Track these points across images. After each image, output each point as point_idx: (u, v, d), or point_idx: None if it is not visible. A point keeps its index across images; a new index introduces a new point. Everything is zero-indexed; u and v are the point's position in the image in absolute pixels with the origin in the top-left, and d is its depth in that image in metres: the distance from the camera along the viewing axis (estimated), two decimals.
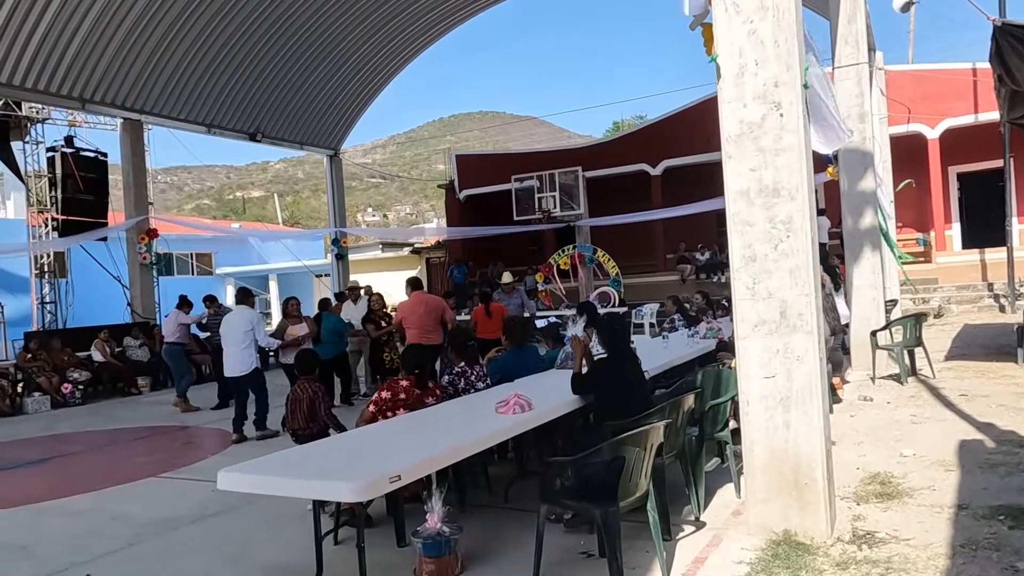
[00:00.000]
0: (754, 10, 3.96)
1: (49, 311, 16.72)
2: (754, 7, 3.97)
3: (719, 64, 4.06)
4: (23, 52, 13.12)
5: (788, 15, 3.92)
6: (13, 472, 7.23)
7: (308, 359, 5.61)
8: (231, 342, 8.01)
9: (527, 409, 4.01)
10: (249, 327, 7.94)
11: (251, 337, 7.96)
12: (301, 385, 5.23)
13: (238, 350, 7.95)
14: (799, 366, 3.92)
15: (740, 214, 4.05)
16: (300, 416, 5.09)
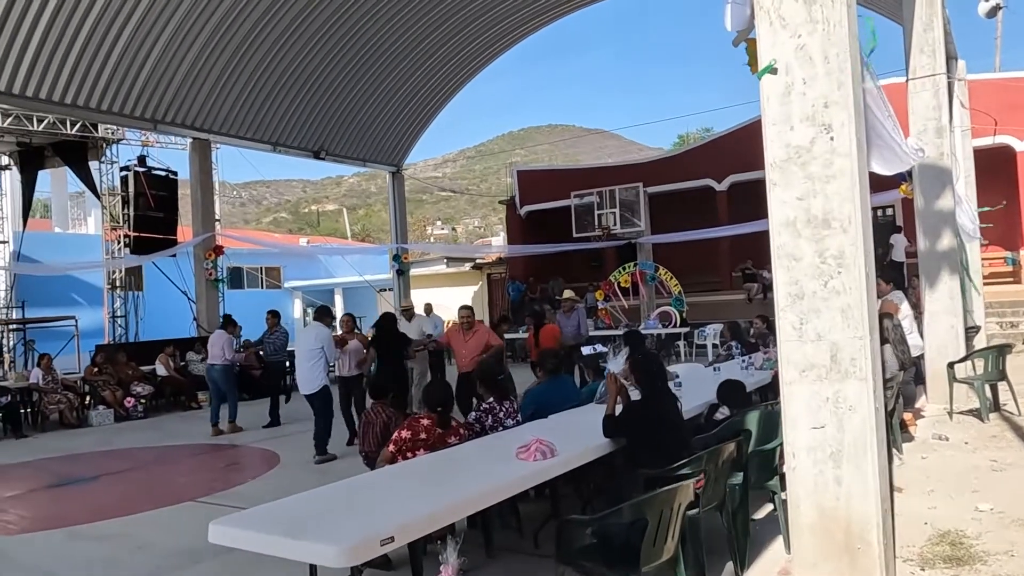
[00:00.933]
0: (802, 23, 3.61)
1: (120, 324, 17.29)
2: (802, 20, 3.61)
3: (763, 82, 3.71)
4: (99, 76, 13.64)
5: (840, 29, 3.55)
6: (61, 490, 7.36)
7: (381, 384, 5.68)
8: (301, 358, 8.05)
9: (549, 456, 3.73)
10: (318, 345, 7.94)
11: (319, 355, 7.94)
12: (376, 409, 5.35)
13: (307, 367, 7.96)
14: (851, 416, 3.52)
15: (785, 247, 3.68)
16: (372, 439, 5.13)
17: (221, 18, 13.87)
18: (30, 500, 7.03)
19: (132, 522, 5.85)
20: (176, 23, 13.48)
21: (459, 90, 19.79)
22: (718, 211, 19.04)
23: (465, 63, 18.78)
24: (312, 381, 7.91)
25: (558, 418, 4.99)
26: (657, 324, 15.82)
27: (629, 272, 17.50)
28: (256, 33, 14.60)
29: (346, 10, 15.14)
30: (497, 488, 3.41)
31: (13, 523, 6.11)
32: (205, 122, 15.86)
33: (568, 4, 17.64)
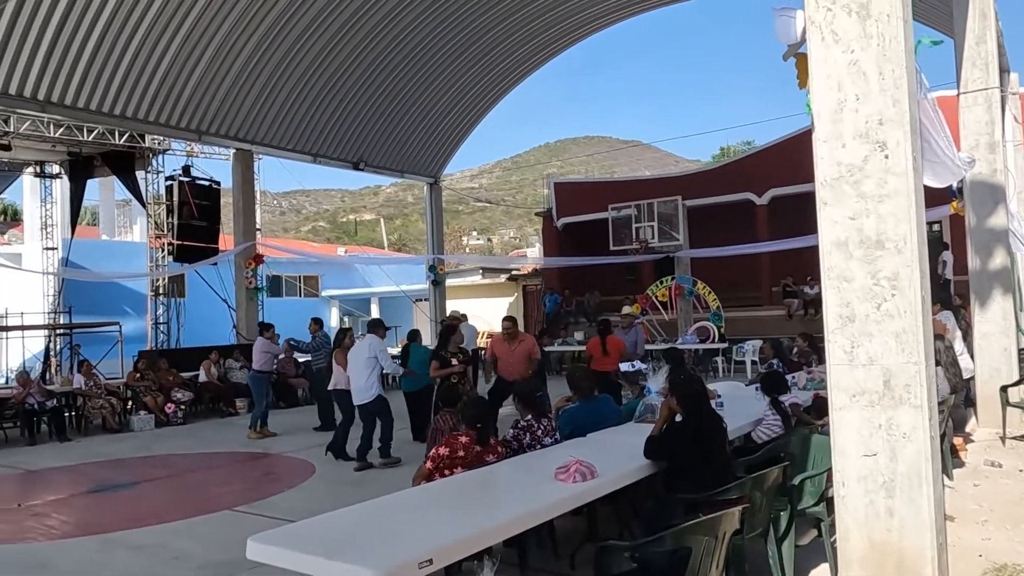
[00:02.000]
0: (855, 38, 3.51)
1: (162, 331, 17.60)
2: (855, 35, 3.51)
3: (813, 98, 3.61)
4: (147, 89, 13.96)
5: (896, 44, 3.44)
6: (101, 496, 7.46)
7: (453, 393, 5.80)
8: (355, 368, 8.17)
9: (589, 478, 3.65)
10: (372, 355, 8.08)
11: (374, 364, 8.07)
12: (444, 416, 5.42)
13: (363, 376, 8.08)
14: (905, 445, 3.38)
15: (836, 268, 3.57)
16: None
17: (264, 33, 14.12)
18: (71, 505, 7.14)
19: (168, 531, 5.90)
20: (221, 38, 13.76)
21: (497, 102, 19.85)
22: (758, 225, 18.75)
23: (503, 76, 18.83)
24: (367, 390, 8.06)
25: (597, 437, 4.90)
26: (695, 339, 15.60)
27: (666, 286, 17.30)
28: (299, 47, 14.83)
29: (386, 25, 15.30)
30: (536, 511, 3.35)
31: (55, 528, 6.20)
32: (248, 133, 16.14)
33: (606, 18, 17.61)
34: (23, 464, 9.23)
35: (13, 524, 6.38)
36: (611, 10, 17.24)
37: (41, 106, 13.18)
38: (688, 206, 18.66)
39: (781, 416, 5.19)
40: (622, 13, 17.53)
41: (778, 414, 5.21)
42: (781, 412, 5.21)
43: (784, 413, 5.21)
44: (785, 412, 5.21)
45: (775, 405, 5.26)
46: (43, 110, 13.46)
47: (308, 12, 14.14)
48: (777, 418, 5.21)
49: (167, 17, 12.85)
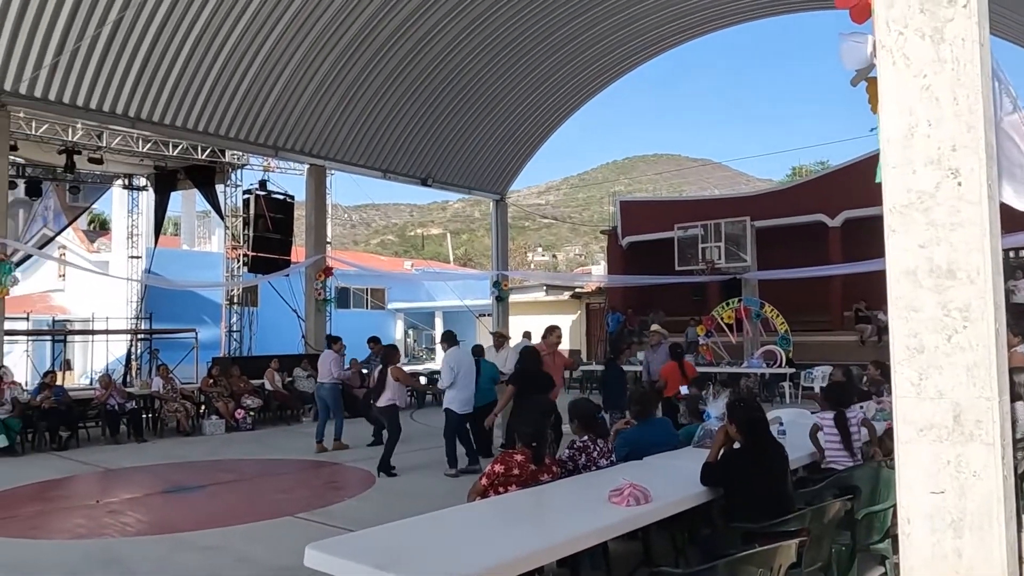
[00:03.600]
0: (928, 63, 3.41)
1: (235, 338, 18.23)
2: (928, 59, 3.42)
3: (883, 123, 3.53)
4: (228, 107, 14.60)
5: (971, 68, 3.34)
6: (172, 496, 7.78)
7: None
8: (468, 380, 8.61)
9: (642, 502, 3.63)
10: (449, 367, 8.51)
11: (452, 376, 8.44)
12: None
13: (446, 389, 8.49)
14: (975, 483, 3.24)
15: (904, 297, 3.46)
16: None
17: (339, 54, 14.60)
18: (145, 504, 7.46)
19: (233, 534, 6.10)
20: (298, 59, 14.29)
21: (565, 120, 19.95)
22: (830, 248, 18.25)
23: (572, 94, 18.93)
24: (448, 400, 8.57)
25: (653, 460, 4.86)
26: (761, 363, 15.25)
27: (733, 308, 16.99)
28: (372, 67, 15.27)
29: (456, 45, 15.60)
30: (589, 533, 3.34)
31: (130, 525, 6.49)
32: (322, 149, 16.67)
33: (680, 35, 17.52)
34: (103, 463, 9.69)
35: (91, 520, 6.71)
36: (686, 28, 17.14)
37: (131, 122, 13.93)
38: (757, 227, 18.31)
39: (841, 433, 4.98)
40: (697, 30, 17.42)
41: (838, 430, 4.99)
42: (842, 429, 4.99)
43: (845, 430, 4.99)
44: (847, 429, 5.00)
45: (839, 421, 5.05)
46: (133, 126, 14.24)
47: (381, 34, 14.57)
48: (836, 433, 4.99)
49: (248, 40, 13.44)
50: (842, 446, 4.99)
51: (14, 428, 10.28)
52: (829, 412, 5.13)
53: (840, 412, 5.11)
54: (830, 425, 5.06)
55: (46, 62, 11.82)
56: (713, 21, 17.12)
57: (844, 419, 5.08)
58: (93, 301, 22.05)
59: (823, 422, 5.11)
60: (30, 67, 11.81)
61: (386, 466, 8.42)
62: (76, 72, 12.47)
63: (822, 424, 5.11)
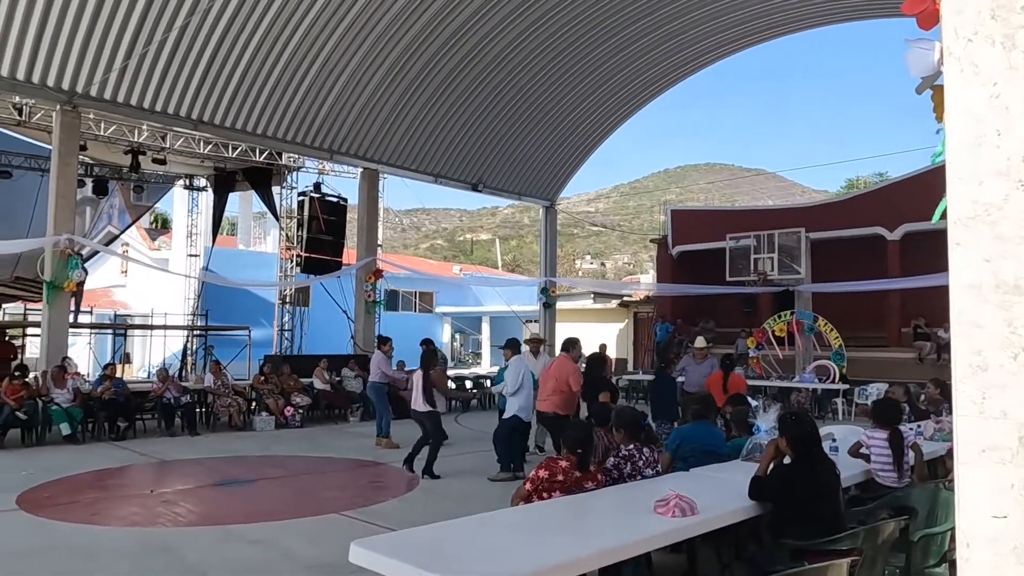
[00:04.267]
0: (998, 71, 3.28)
1: (286, 337, 18.60)
2: (999, 67, 3.29)
3: (949, 133, 3.42)
4: (286, 111, 14.95)
5: None
6: (224, 489, 7.96)
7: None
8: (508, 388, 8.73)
9: (688, 513, 3.57)
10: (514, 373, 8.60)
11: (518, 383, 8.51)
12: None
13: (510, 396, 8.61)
14: None
15: (968, 313, 3.32)
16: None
17: (395, 60, 14.82)
18: (197, 496, 7.66)
19: (280, 528, 6.22)
20: (354, 65, 14.56)
21: (616, 128, 19.88)
22: (888, 262, 17.75)
23: (624, 102, 18.86)
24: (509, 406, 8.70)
25: (701, 472, 4.79)
26: (813, 378, 14.89)
27: (785, 320, 16.62)
28: (426, 73, 15.46)
29: (509, 53, 15.70)
30: (632, 543, 3.31)
31: (181, 516, 6.67)
32: (375, 154, 16.92)
33: (735, 44, 17.31)
34: (158, 454, 9.98)
35: (146, 509, 6.92)
36: (742, 35, 16.93)
37: (194, 124, 14.37)
38: (812, 239, 17.91)
39: (894, 453, 4.81)
40: (754, 38, 17.19)
41: (891, 449, 4.83)
42: (896, 448, 4.83)
43: (899, 450, 4.83)
44: (900, 449, 4.84)
45: (893, 441, 4.88)
46: (195, 128, 14.68)
47: (436, 41, 14.74)
48: (888, 455, 4.83)
49: (307, 46, 13.74)
50: (893, 467, 4.83)
51: (76, 417, 10.67)
52: (882, 431, 4.97)
53: (895, 431, 4.95)
54: (882, 444, 4.90)
55: (116, 66, 12.28)
56: (771, 29, 16.86)
57: (900, 438, 4.92)
58: (152, 297, 22.79)
59: (872, 440, 4.95)
60: (100, 70, 12.28)
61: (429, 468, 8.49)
62: (143, 76, 12.92)
63: (869, 442, 4.95)
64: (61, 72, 12.09)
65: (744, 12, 15.82)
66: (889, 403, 5.63)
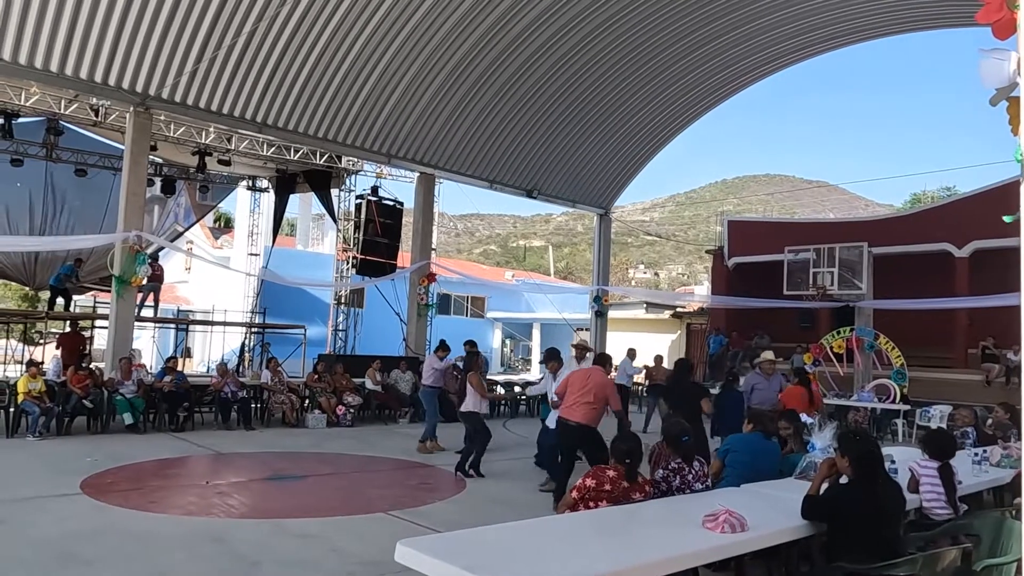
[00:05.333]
0: None
1: (340, 337, 18.92)
2: None
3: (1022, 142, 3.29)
4: (347, 115, 15.24)
5: None
6: (276, 484, 8.13)
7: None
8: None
9: (738, 529, 3.50)
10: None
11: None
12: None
13: None
14: None
15: None
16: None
17: (454, 67, 14.97)
18: (249, 489, 7.85)
19: (329, 524, 6.31)
20: (415, 71, 14.75)
21: (674, 137, 19.68)
22: (956, 279, 17.11)
23: (682, 111, 18.67)
24: None
25: (753, 488, 4.68)
26: (872, 397, 14.43)
27: (844, 337, 16.16)
28: (484, 79, 15.58)
29: (567, 60, 15.70)
30: (678, 556, 3.26)
31: (234, 508, 6.84)
32: (432, 158, 17.12)
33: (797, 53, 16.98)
34: (214, 446, 10.25)
35: (201, 499, 7.12)
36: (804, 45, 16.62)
37: (259, 127, 14.77)
38: (874, 254, 17.38)
39: (946, 487, 4.63)
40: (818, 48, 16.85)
41: (942, 481, 4.65)
42: (947, 481, 4.65)
43: (950, 483, 4.65)
44: (951, 482, 4.66)
45: (944, 473, 4.71)
46: (260, 131, 15.09)
47: (494, 49, 14.85)
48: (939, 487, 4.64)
49: (368, 52, 13.99)
50: (945, 499, 4.65)
51: (139, 407, 11.05)
52: (933, 462, 4.78)
53: (946, 464, 4.76)
54: (932, 475, 4.71)
55: (187, 70, 12.73)
56: (836, 39, 16.49)
57: (950, 471, 4.74)
58: (213, 294, 23.48)
59: (923, 471, 4.76)
60: (172, 74, 12.74)
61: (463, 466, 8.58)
62: (212, 80, 13.35)
63: (921, 471, 4.76)
64: (136, 75, 12.57)
65: (807, 22, 15.51)
66: (942, 435, 5.41)
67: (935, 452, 4.89)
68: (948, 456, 4.86)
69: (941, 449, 4.92)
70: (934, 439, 5.15)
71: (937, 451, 4.89)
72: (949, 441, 5.07)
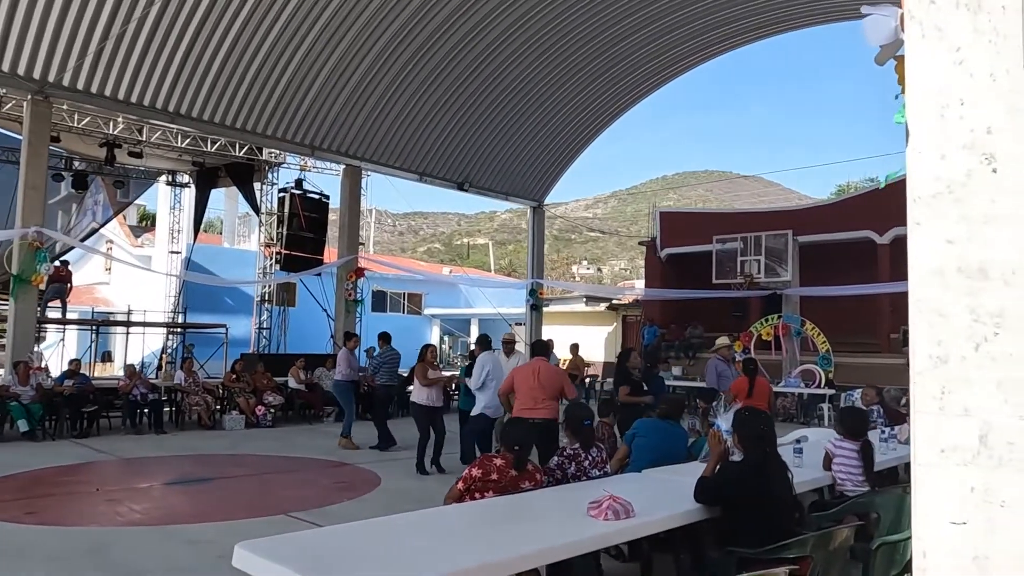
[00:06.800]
0: (963, 35, 3.00)
1: (264, 336, 18.28)
2: (963, 31, 3.00)
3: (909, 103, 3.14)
4: (266, 104, 14.67)
5: (1012, 41, 2.92)
6: (176, 488, 7.65)
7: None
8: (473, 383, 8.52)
9: (622, 516, 3.27)
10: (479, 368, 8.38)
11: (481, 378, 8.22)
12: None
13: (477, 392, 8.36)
14: (1005, 516, 2.79)
15: (929, 300, 3.02)
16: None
17: (377, 54, 14.55)
18: (146, 494, 7.35)
19: (224, 529, 5.90)
20: (336, 58, 14.28)
21: (606, 127, 19.61)
22: (878, 266, 17.47)
23: (614, 100, 18.60)
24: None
25: (654, 474, 4.50)
26: (799, 383, 14.61)
27: (772, 324, 16.34)
28: (410, 68, 15.19)
29: (494, 49, 15.45)
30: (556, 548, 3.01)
31: (122, 515, 6.35)
32: (358, 150, 16.63)
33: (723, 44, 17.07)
34: (120, 452, 9.66)
35: (88, 507, 6.63)
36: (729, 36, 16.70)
37: (171, 117, 14.09)
38: (800, 242, 17.62)
39: (865, 464, 4.57)
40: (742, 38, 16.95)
41: (862, 460, 4.59)
42: (867, 459, 4.59)
43: (870, 460, 4.59)
44: (871, 460, 4.59)
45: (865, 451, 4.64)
46: (172, 121, 14.41)
47: (420, 35, 14.47)
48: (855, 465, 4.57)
49: (287, 38, 13.46)
50: (864, 477, 4.57)
51: (36, 413, 10.35)
52: (849, 440, 4.71)
53: (867, 441, 4.71)
54: (849, 454, 4.65)
55: (89, 52, 11.99)
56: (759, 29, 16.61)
57: (870, 448, 4.68)
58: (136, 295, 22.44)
59: (837, 450, 4.69)
60: (73, 58, 11.99)
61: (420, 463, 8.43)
62: (117, 66, 12.63)
63: (836, 452, 4.69)
64: (32, 60, 11.81)
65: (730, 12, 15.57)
66: (856, 413, 5.38)
67: (848, 430, 4.84)
68: (861, 434, 4.80)
69: (853, 427, 4.87)
70: (846, 418, 5.09)
71: (850, 429, 4.84)
72: (861, 419, 5.00)
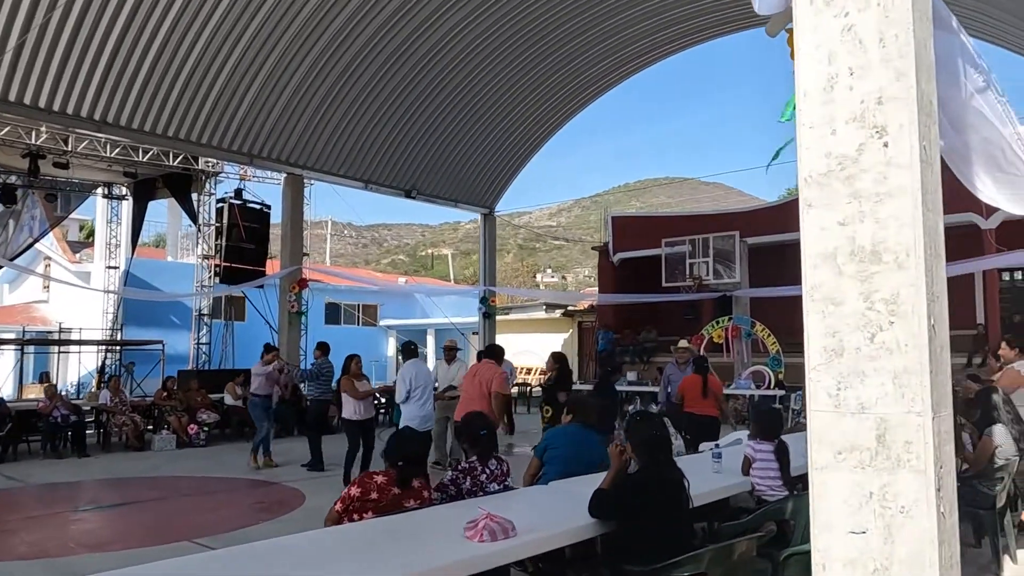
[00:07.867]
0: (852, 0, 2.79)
1: (203, 352, 17.67)
2: None
3: (798, 75, 2.90)
4: (200, 111, 14.12)
5: (901, 3, 2.71)
6: (80, 516, 7.17)
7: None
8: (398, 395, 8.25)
9: (500, 537, 2.95)
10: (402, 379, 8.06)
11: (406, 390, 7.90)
12: None
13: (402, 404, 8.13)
14: (904, 522, 2.55)
15: (822, 287, 2.80)
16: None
17: (316, 58, 14.11)
18: (44, 524, 6.84)
19: (115, 559, 5.43)
20: (273, 62, 13.81)
21: (554, 132, 19.39)
22: None
23: (559, 107, 18.37)
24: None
25: (560, 485, 4.18)
26: (749, 384, 14.48)
27: (723, 326, 16.23)
28: (350, 73, 14.77)
29: (438, 53, 15.10)
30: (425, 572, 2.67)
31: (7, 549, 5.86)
32: (299, 158, 16.13)
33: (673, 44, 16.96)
34: (30, 478, 9.11)
35: None
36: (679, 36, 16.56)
37: (97, 126, 13.45)
38: (749, 244, 17.57)
39: (781, 465, 4.33)
40: (694, 38, 16.82)
41: (778, 462, 4.34)
42: (783, 460, 4.35)
43: (786, 462, 4.35)
44: (786, 462, 4.35)
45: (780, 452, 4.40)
46: (99, 130, 13.77)
47: (359, 38, 14.08)
48: (775, 468, 4.33)
49: (220, 40, 12.97)
50: (781, 480, 4.33)
51: None
52: (767, 443, 4.46)
53: (781, 442, 4.47)
54: (767, 457, 4.40)
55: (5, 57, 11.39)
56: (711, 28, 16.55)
57: (785, 449, 4.43)
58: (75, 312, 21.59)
59: (757, 453, 4.44)
60: None
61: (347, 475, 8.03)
62: (37, 72, 12.01)
63: (755, 456, 4.43)
64: None
65: (677, 12, 15.48)
66: (771, 413, 5.17)
67: (761, 431, 4.59)
68: (775, 435, 4.56)
69: (772, 428, 4.64)
70: (763, 419, 4.84)
71: (764, 429, 4.60)
72: (773, 419, 4.77)
